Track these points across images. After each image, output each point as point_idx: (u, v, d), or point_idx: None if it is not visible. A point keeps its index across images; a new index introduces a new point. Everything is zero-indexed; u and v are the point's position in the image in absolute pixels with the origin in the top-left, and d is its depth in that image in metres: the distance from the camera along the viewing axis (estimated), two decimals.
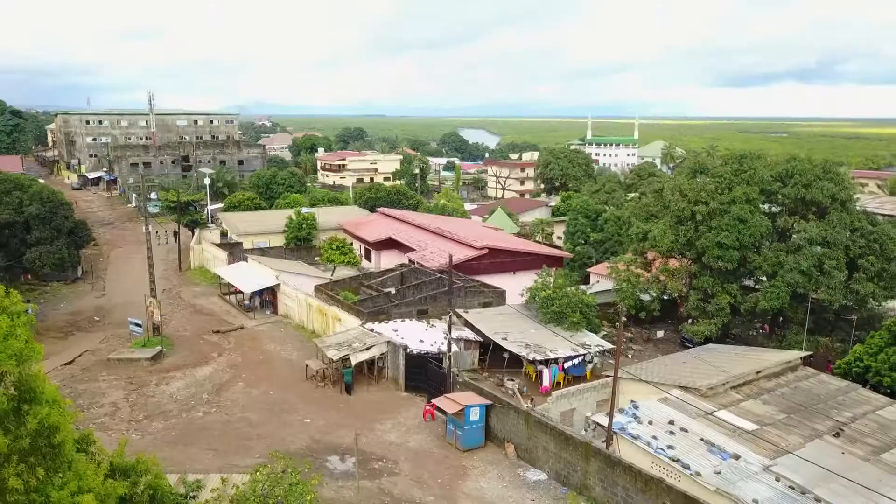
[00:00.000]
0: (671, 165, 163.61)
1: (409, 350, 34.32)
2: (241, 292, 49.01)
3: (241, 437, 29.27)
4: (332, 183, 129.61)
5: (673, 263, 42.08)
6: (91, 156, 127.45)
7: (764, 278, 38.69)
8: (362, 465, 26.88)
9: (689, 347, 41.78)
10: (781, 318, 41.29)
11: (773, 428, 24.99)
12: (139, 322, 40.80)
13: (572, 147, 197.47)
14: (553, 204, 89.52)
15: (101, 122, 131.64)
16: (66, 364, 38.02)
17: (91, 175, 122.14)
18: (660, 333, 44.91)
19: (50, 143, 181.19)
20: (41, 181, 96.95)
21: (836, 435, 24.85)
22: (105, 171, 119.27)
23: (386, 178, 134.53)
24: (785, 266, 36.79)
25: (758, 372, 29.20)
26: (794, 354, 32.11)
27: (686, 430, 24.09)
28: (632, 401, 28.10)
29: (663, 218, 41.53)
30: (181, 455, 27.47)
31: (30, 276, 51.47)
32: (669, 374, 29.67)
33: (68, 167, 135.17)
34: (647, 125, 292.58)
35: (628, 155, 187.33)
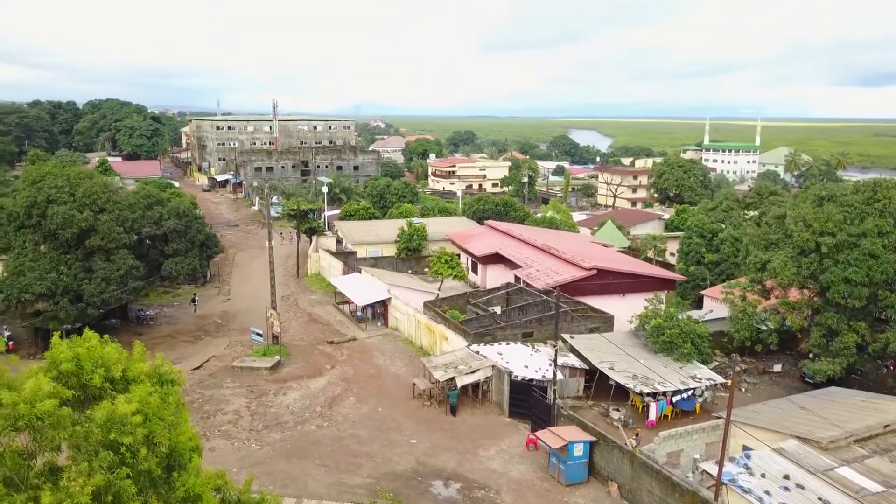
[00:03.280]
0: (795, 174, 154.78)
1: (513, 376, 34.67)
2: (354, 302, 51.06)
3: (351, 455, 30.67)
4: (441, 189, 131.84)
5: (793, 295, 39.99)
6: (220, 159, 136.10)
7: None
8: (465, 492, 27.61)
9: (809, 384, 39.74)
10: None
11: None
12: (260, 332, 43.46)
13: (687, 152, 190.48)
14: (667, 217, 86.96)
15: (229, 128, 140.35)
16: (195, 369, 41.11)
17: (219, 177, 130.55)
18: (777, 367, 42.85)
19: (184, 145, 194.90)
20: (176, 184, 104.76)
21: None
22: (232, 174, 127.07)
23: (494, 185, 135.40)
24: None
25: (886, 426, 27.36)
26: None
27: (802, 488, 23.03)
28: (744, 447, 27.20)
29: (784, 248, 39.53)
30: (296, 469, 29.17)
31: (165, 281, 55.91)
32: (785, 421, 28.37)
33: (199, 169, 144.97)
34: (768, 127, 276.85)
35: (748, 162, 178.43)
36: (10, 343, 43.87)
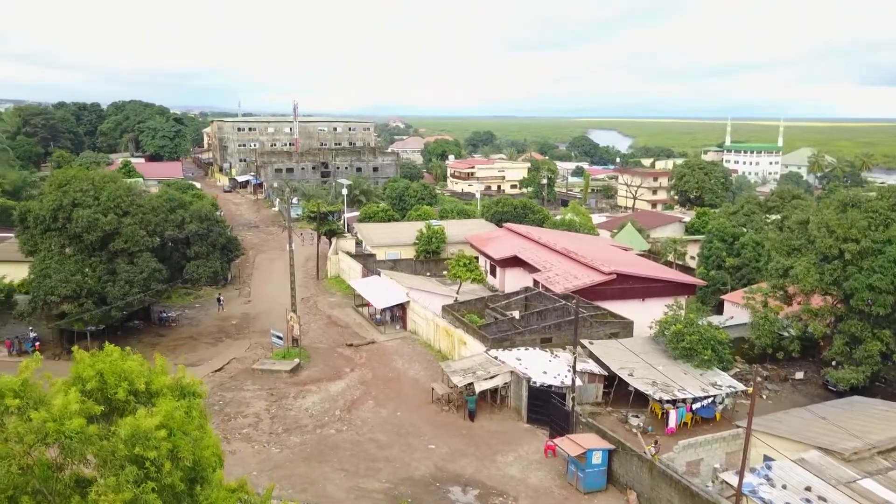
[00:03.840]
0: (819, 175, 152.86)
1: (532, 382, 34.63)
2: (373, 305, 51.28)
3: (370, 459, 30.84)
4: (460, 190, 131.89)
5: (816, 302, 39.51)
6: (241, 160, 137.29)
7: None
8: (483, 498, 27.67)
9: (831, 391, 39.31)
10: None
11: None
12: (280, 335, 43.81)
13: (708, 153, 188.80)
14: (687, 220, 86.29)
15: (250, 129, 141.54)
16: (216, 371, 41.60)
17: (240, 178, 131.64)
18: (799, 374, 42.37)
19: (205, 146, 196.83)
20: (198, 185, 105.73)
21: None
22: (252, 175, 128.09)
23: (513, 186, 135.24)
24: None
25: None
26: None
27: (825, 500, 22.76)
28: (765, 457, 26.96)
29: (807, 254, 39.07)
30: (315, 473, 29.41)
31: (187, 283, 56.57)
32: (807, 430, 28.07)
33: (221, 170, 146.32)
34: (791, 127, 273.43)
35: (771, 163, 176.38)
36: (37, 344, 44.70)
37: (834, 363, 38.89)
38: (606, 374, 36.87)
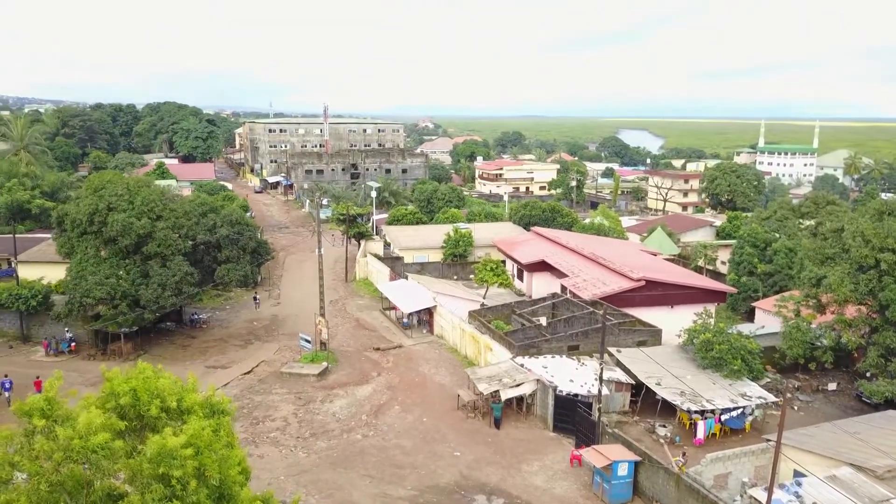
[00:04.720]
0: (855, 177, 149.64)
1: (558, 391, 34.53)
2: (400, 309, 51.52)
3: (395, 465, 31.04)
4: (488, 192, 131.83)
5: (850, 312, 38.73)
6: (272, 161, 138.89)
7: None
8: None
9: (866, 404, 38.51)
10: None
11: None
12: (309, 338, 44.27)
13: (741, 154, 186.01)
14: (718, 224, 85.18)
15: (281, 130, 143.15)
16: (245, 374, 42.19)
17: (271, 179, 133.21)
18: (832, 385, 41.55)
19: (237, 146, 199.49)
20: (229, 186, 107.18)
21: None
22: (283, 176, 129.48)
23: (542, 187, 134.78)
24: None
25: None
26: None
27: None
28: (795, 472, 26.55)
29: (841, 263, 38.33)
30: (342, 479, 29.70)
31: (218, 286, 57.46)
32: (839, 446, 27.57)
33: (252, 171, 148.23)
34: (827, 128, 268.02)
35: (805, 165, 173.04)
36: (73, 344, 45.83)
37: (868, 375, 38.13)
38: (634, 382, 36.62)
